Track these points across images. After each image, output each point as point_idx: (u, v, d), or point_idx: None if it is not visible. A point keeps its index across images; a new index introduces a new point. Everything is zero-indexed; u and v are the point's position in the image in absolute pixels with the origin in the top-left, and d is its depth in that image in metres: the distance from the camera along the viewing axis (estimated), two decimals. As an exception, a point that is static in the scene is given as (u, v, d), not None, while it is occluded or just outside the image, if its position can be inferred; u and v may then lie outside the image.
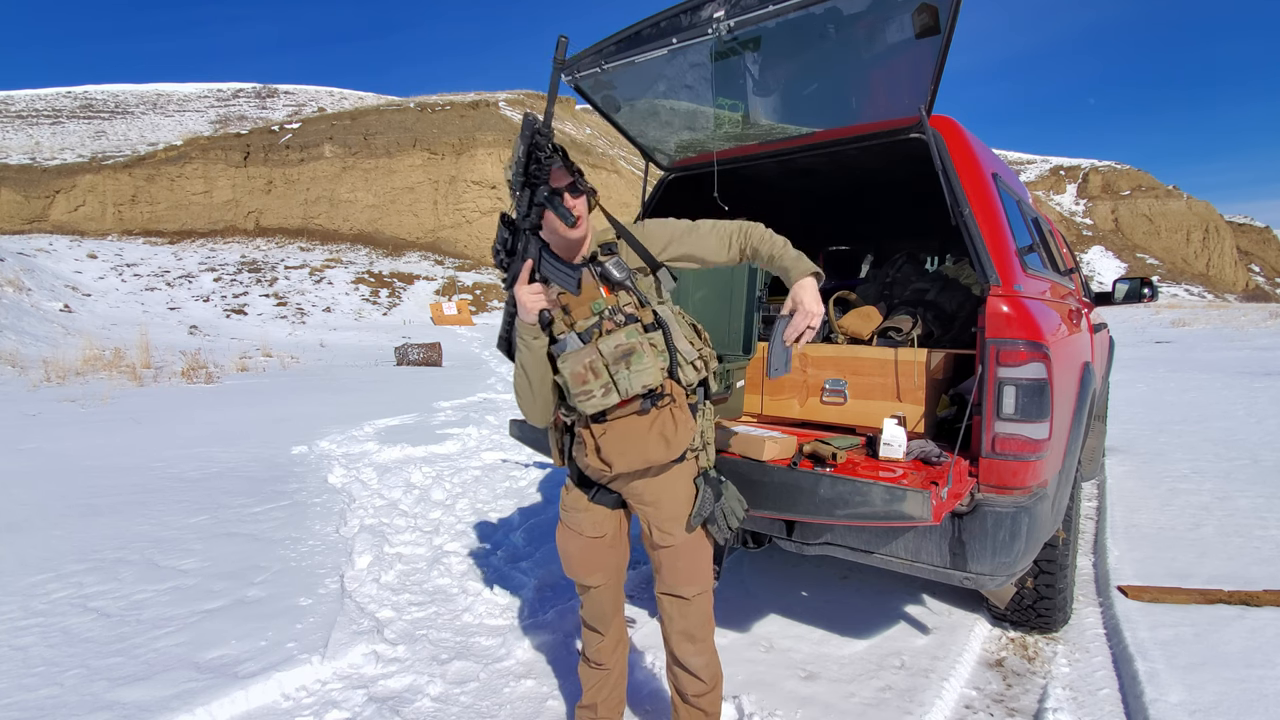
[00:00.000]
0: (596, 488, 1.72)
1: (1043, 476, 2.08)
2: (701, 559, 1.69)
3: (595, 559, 1.75)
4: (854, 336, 2.76)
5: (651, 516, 1.67)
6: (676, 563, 1.67)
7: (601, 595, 1.78)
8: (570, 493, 1.77)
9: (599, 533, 1.73)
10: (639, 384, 1.53)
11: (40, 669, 2.30)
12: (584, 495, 1.73)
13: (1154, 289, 4.39)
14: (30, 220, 31.05)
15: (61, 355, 10.55)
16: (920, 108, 2.27)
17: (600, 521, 1.73)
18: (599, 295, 1.58)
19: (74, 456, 5.23)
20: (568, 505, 1.77)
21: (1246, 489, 4.17)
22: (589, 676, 1.86)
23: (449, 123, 39.63)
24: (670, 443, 1.59)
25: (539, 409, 1.62)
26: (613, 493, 1.71)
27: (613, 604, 1.81)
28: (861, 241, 4.82)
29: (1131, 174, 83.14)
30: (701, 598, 1.69)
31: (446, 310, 25.96)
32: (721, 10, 2.13)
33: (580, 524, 1.73)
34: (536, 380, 1.57)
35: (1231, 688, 2.10)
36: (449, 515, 4.05)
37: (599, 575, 1.76)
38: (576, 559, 1.75)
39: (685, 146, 3.02)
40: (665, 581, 1.70)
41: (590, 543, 1.73)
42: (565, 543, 1.77)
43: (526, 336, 1.53)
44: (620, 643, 1.87)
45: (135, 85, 48.26)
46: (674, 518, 1.65)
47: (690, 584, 1.67)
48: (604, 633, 1.82)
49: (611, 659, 1.85)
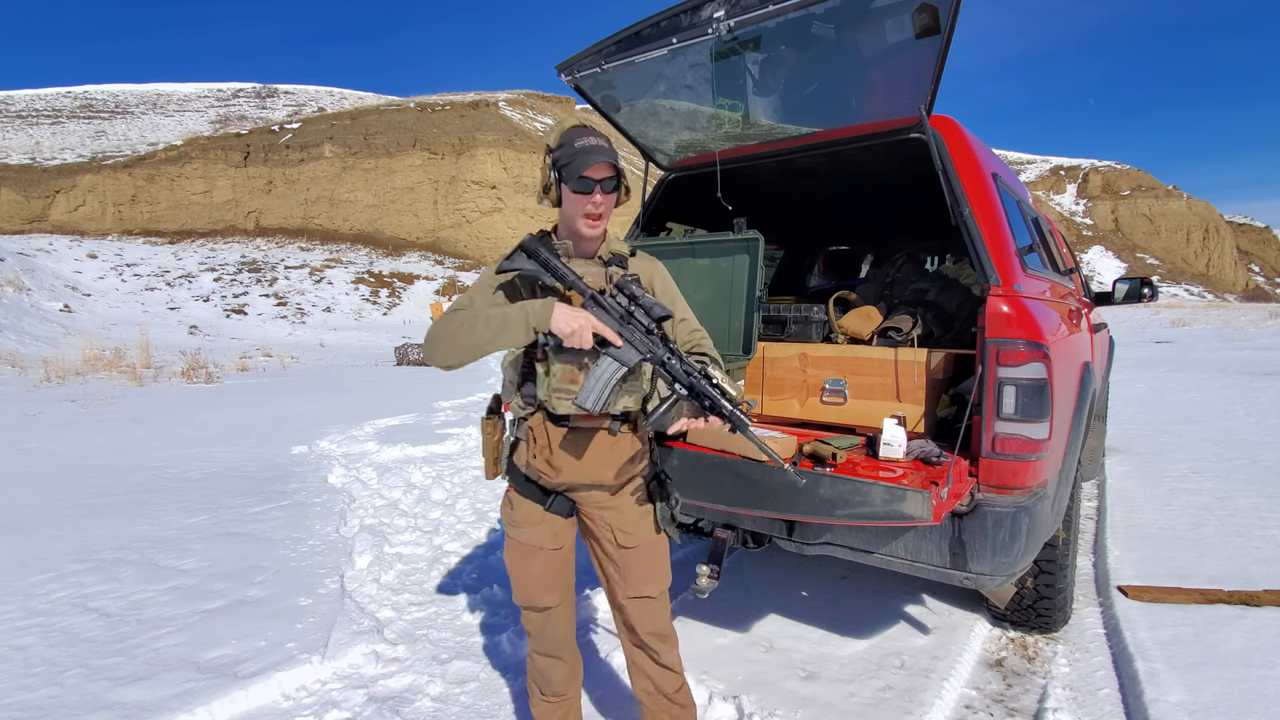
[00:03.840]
0: (553, 497, 1.62)
1: (1043, 476, 2.08)
2: (662, 555, 1.66)
3: (555, 575, 1.66)
4: (854, 336, 2.76)
5: (613, 519, 1.62)
6: (642, 563, 1.62)
7: (559, 617, 1.68)
8: (519, 508, 1.64)
9: (558, 544, 1.64)
10: (621, 403, 1.52)
11: (40, 669, 2.30)
12: (538, 508, 1.63)
13: (1154, 289, 4.39)
14: (30, 220, 31.06)
15: (61, 355, 10.55)
16: (920, 108, 2.27)
17: (558, 532, 1.64)
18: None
19: (74, 456, 5.24)
20: (518, 521, 1.64)
21: (1246, 489, 4.17)
22: (549, 713, 1.74)
23: (449, 123, 39.64)
24: (619, 470, 1.59)
25: (457, 357, 1.51)
26: (568, 500, 1.64)
27: (569, 625, 1.73)
28: (861, 241, 4.82)
29: (1131, 174, 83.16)
30: (664, 594, 1.67)
31: (446, 310, 25.99)
32: (721, 10, 2.13)
33: (538, 538, 1.63)
34: (486, 344, 1.46)
35: (1231, 688, 2.10)
36: (449, 515, 4.05)
37: (557, 594, 1.66)
38: (536, 577, 1.64)
39: (685, 146, 3.02)
40: (631, 584, 1.63)
41: (551, 556, 1.64)
42: (522, 563, 1.64)
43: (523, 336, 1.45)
44: (578, 666, 1.78)
45: (135, 85, 48.29)
46: (637, 518, 1.62)
47: (654, 582, 1.64)
48: (565, 659, 1.72)
49: (572, 686, 1.76)
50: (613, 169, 1.49)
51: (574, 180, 1.47)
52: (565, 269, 1.47)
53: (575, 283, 1.47)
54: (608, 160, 1.47)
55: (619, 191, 1.54)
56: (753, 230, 2.89)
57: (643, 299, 1.45)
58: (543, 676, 1.73)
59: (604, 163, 1.47)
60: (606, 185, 1.50)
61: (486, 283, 1.60)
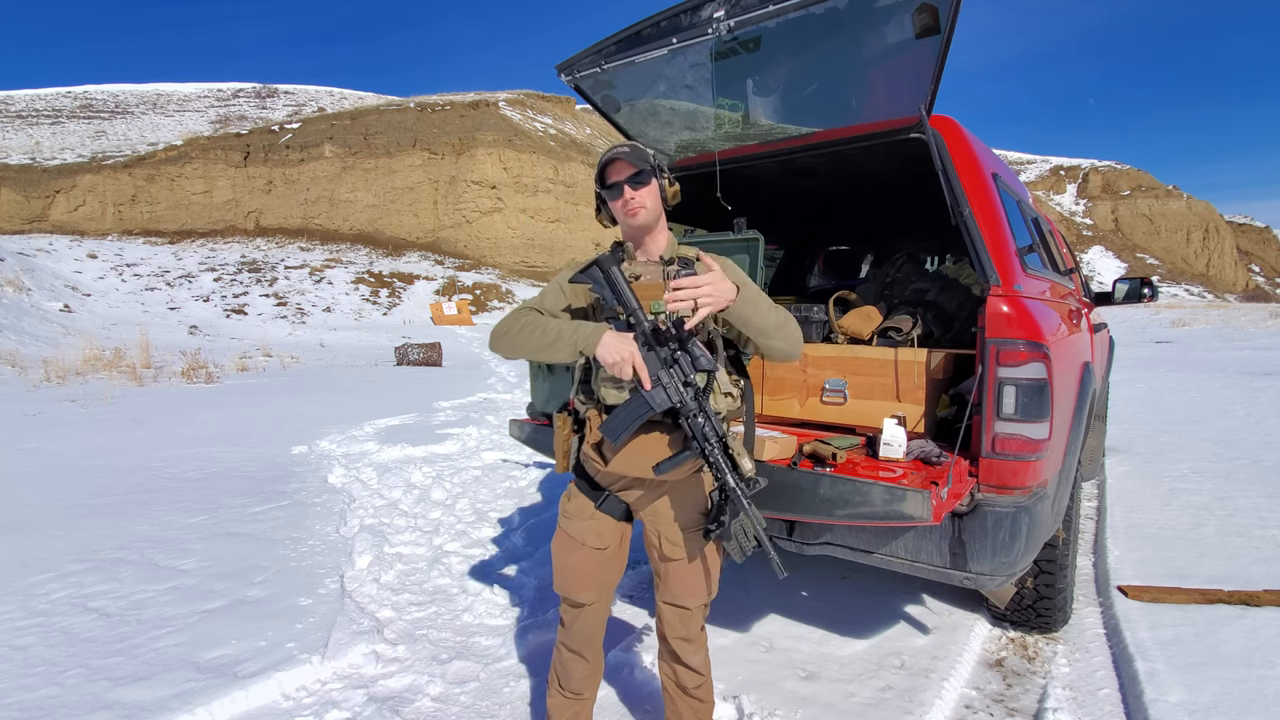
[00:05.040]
0: (604, 495, 1.66)
1: (1043, 476, 2.08)
2: (706, 570, 1.65)
3: (594, 573, 1.68)
4: (854, 336, 2.76)
5: (661, 528, 1.64)
6: (683, 576, 1.64)
7: (591, 615, 1.71)
8: (574, 500, 1.70)
9: (602, 544, 1.67)
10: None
11: (40, 669, 2.30)
12: (590, 503, 1.66)
13: (1154, 289, 4.39)
14: (30, 220, 31.05)
15: (61, 355, 10.55)
16: (920, 108, 2.26)
17: (605, 532, 1.67)
18: (661, 297, 1.53)
19: (74, 456, 5.23)
20: (570, 513, 1.69)
21: (1246, 489, 4.17)
22: (563, 709, 1.77)
23: (449, 123, 39.62)
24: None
25: (513, 354, 1.61)
26: (621, 502, 1.66)
27: (600, 625, 1.75)
28: (861, 241, 4.81)
29: (1131, 174, 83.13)
30: (703, 607, 1.69)
31: (446, 310, 25.99)
32: (721, 10, 2.13)
33: (583, 533, 1.66)
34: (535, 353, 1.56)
35: (1231, 688, 2.10)
36: (449, 515, 4.05)
37: (593, 592, 1.69)
38: (574, 572, 1.68)
39: (685, 146, 3.02)
40: (670, 592, 1.66)
41: (591, 554, 1.66)
42: (564, 554, 1.69)
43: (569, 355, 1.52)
44: (598, 668, 1.81)
45: (135, 85, 48.26)
46: (684, 530, 1.63)
47: (694, 596, 1.65)
48: (588, 658, 1.75)
49: (590, 687, 1.79)
50: (634, 166, 1.55)
51: (607, 190, 1.60)
52: (630, 296, 1.50)
53: (635, 312, 1.49)
54: (625, 159, 1.55)
55: (655, 183, 1.59)
56: (753, 230, 2.89)
57: (692, 348, 1.47)
58: (564, 670, 1.77)
59: (622, 162, 1.56)
60: (634, 182, 1.55)
61: (558, 284, 1.67)
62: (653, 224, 1.62)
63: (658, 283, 1.58)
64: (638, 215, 1.57)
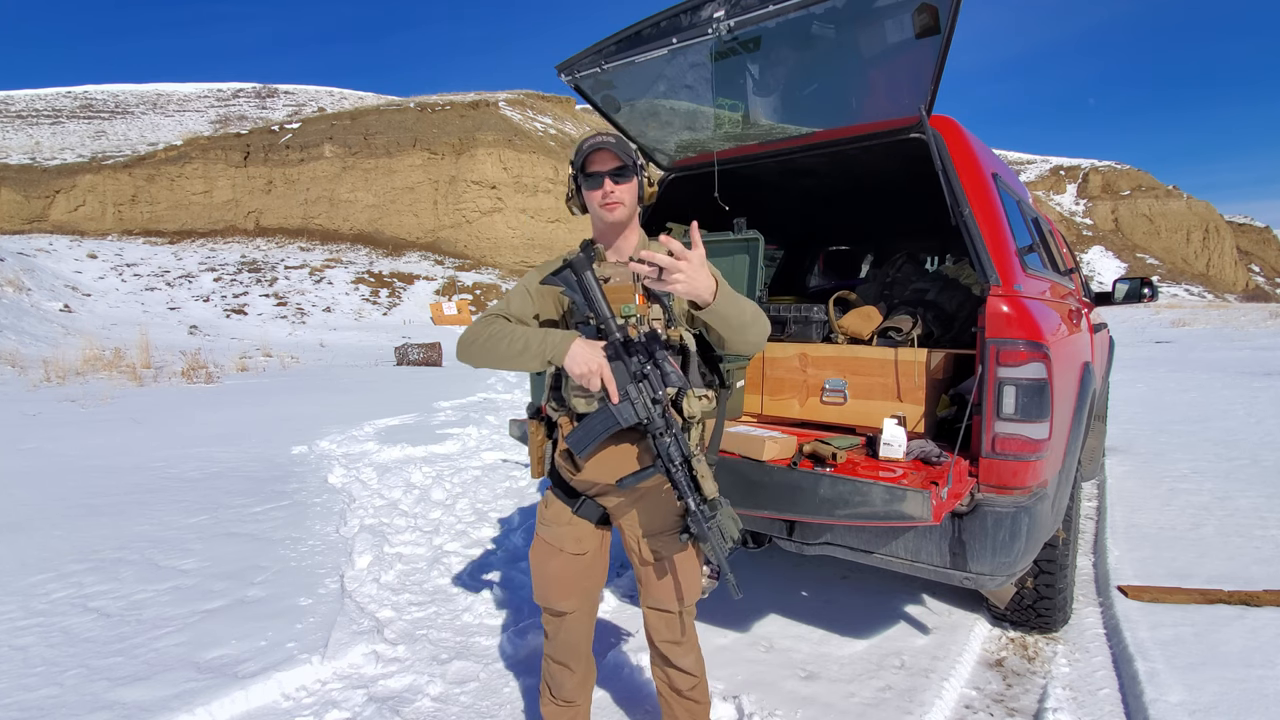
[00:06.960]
0: (581, 500, 1.64)
1: (1043, 476, 2.08)
2: (688, 575, 1.64)
3: (573, 580, 1.66)
4: (854, 336, 2.76)
5: (639, 533, 1.63)
6: (662, 579, 1.62)
7: (574, 624, 1.69)
8: (550, 506, 1.67)
9: (581, 549, 1.64)
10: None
11: (40, 669, 2.30)
12: (567, 508, 1.64)
13: (1154, 289, 4.39)
14: (30, 220, 31.06)
15: (61, 355, 10.55)
16: (920, 108, 2.27)
17: (583, 537, 1.65)
18: (632, 300, 1.53)
19: (74, 456, 5.24)
20: (547, 519, 1.67)
21: (1246, 489, 4.17)
22: (557, 715, 1.77)
23: (449, 123, 39.64)
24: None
25: (482, 363, 1.56)
26: (599, 507, 1.64)
27: (585, 634, 1.73)
28: (861, 241, 4.81)
29: (1131, 174, 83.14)
30: (687, 610, 1.67)
31: (446, 310, 26.01)
32: (721, 10, 2.13)
33: (561, 539, 1.64)
34: (504, 362, 1.51)
35: (1231, 688, 2.10)
36: (449, 515, 4.05)
37: (574, 599, 1.66)
38: (553, 579, 1.65)
39: (685, 146, 3.02)
40: (652, 596, 1.65)
41: (570, 560, 1.64)
42: (543, 561, 1.66)
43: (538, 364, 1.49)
44: (590, 675, 1.79)
45: (135, 85, 48.28)
46: (659, 534, 1.61)
47: (675, 600, 1.64)
48: (574, 668, 1.73)
49: (583, 694, 1.77)
50: (619, 159, 1.49)
51: (585, 179, 1.52)
52: (603, 303, 1.46)
53: (608, 321, 1.45)
54: (609, 150, 1.49)
55: (636, 180, 1.54)
56: (753, 230, 2.89)
57: (662, 364, 1.44)
58: (554, 680, 1.75)
59: (606, 152, 1.49)
60: (616, 176, 1.50)
61: (525, 287, 1.61)
62: (627, 222, 1.58)
63: (629, 285, 1.53)
64: (615, 211, 1.52)
